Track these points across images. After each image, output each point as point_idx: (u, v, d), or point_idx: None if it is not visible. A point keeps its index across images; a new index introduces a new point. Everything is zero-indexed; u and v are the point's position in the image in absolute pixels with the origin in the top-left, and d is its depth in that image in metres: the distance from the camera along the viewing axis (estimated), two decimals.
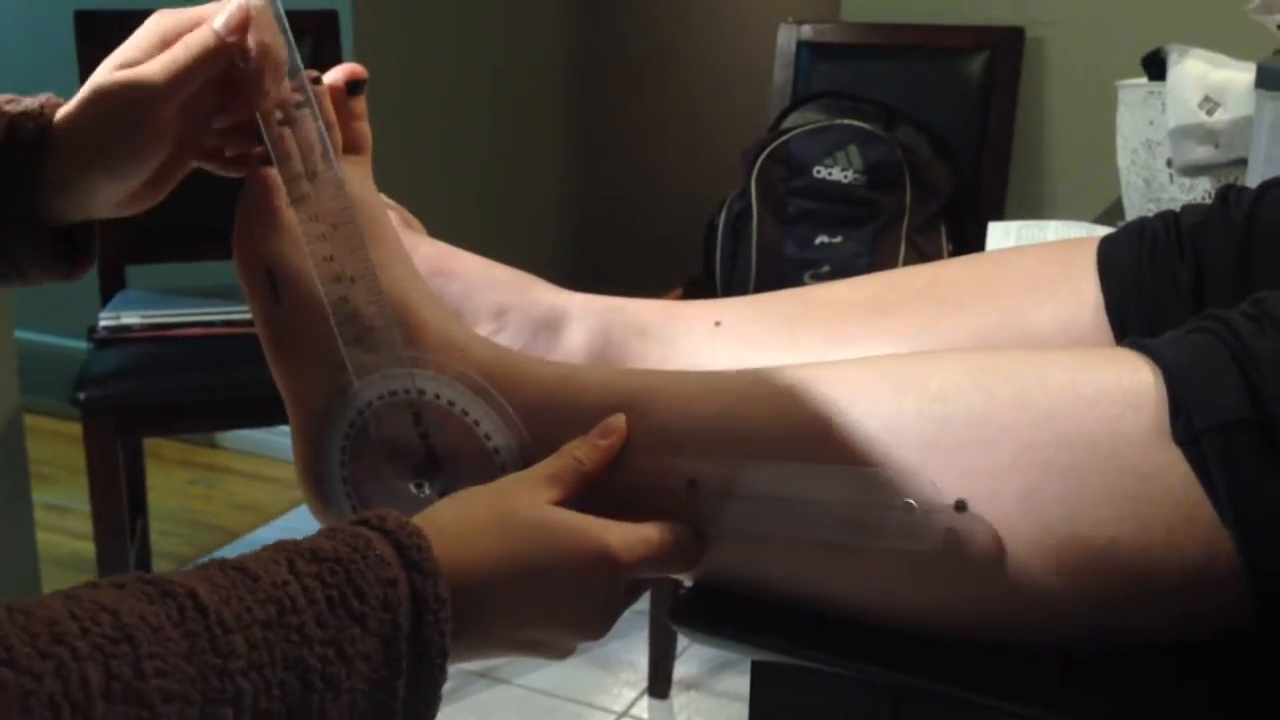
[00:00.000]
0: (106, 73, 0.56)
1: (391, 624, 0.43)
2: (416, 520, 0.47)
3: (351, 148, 0.60)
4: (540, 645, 0.52)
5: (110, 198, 0.59)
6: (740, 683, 1.96)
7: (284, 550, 0.43)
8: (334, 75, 0.60)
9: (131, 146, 0.56)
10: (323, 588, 0.42)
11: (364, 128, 0.62)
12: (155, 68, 0.55)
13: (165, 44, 0.56)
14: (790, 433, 0.51)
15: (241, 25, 0.55)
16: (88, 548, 1.86)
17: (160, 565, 2.18)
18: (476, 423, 0.56)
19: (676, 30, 3.01)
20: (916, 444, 0.49)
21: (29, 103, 0.58)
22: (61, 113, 0.58)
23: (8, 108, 0.58)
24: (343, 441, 0.58)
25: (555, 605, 0.50)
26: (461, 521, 0.48)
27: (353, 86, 0.60)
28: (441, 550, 0.46)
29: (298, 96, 0.57)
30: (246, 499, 2.51)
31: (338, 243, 0.57)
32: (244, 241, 0.58)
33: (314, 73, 0.58)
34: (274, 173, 0.57)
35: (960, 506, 0.47)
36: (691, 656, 2.00)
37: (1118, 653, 0.48)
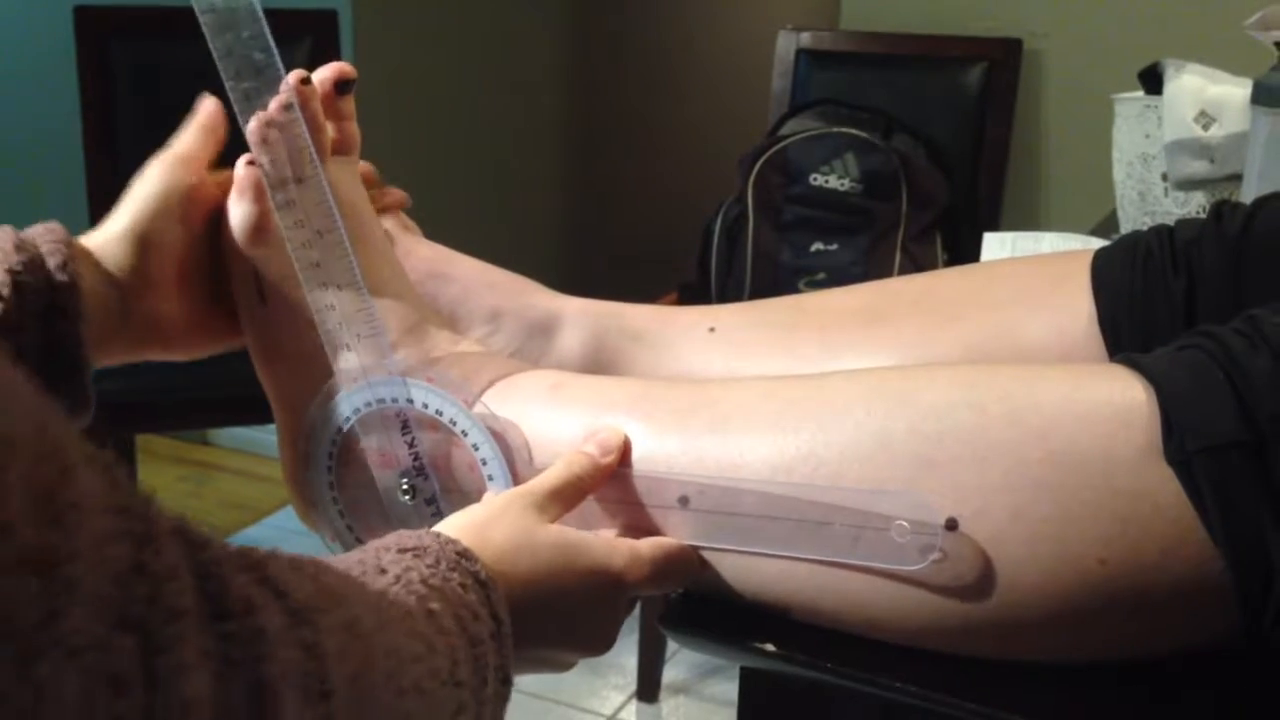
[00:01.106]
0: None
1: (484, 655, 0.44)
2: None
3: (340, 148, 0.60)
4: (549, 663, 0.52)
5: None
6: (729, 688, 1.95)
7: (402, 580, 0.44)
8: (322, 75, 0.59)
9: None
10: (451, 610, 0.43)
11: (353, 128, 0.61)
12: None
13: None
14: (782, 449, 0.51)
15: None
16: None
17: None
18: (464, 432, 0.56)
19: (675, 36, 3.01)
20: (908, 461, 0.48)
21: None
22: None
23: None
24: (330, 448, 0.58)
25: (567, 625, 0.50)
26: (481, 546, 0.48)
27: (342, 86, 0.59)
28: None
29: (284, 99, 0.55)
30: (238, 497, 2.51)
31: (324, 249, 0.56)
32: (230, 247, 0.58)
33: (302, 73, 0.56)
34: (260, 177, 0.56)
35: (951, 525, 0.47)
36: (680, 661, 2.00)
37: (1108, 667, 0.48)
